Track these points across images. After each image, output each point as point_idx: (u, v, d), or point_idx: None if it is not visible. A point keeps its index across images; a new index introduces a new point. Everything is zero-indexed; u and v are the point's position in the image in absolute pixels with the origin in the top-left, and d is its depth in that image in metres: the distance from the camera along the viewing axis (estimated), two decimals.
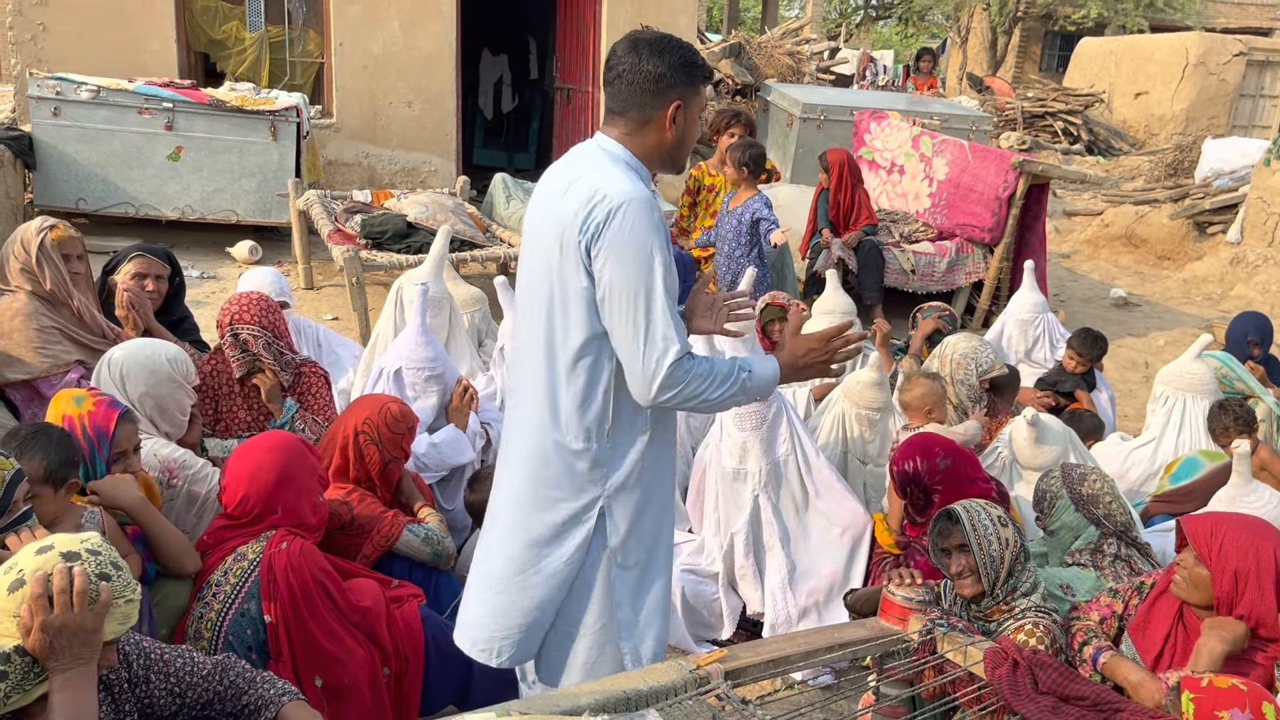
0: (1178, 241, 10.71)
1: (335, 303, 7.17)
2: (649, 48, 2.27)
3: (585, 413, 2.30)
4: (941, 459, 3.39)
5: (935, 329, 5.34)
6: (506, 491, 2.47)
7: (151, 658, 2.02)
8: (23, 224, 3.64)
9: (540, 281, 2.31)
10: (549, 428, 2.33)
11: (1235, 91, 17.63)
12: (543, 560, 2.38)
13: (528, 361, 2.37)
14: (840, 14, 30.09)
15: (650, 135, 2.31)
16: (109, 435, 2.77)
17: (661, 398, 2.21)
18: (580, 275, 2.21)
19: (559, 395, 2.31)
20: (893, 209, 8.23)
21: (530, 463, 2.37)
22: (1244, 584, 2.45)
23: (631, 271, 2.17)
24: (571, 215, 2.21)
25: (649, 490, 2.42)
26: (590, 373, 2.28)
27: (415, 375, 3.90)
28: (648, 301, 2.17)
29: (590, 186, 2.21)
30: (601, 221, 2.16)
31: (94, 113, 7.55)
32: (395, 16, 9.36)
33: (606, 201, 2.17)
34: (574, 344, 2.26)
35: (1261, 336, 5.17)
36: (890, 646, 2.59)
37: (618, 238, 2.16)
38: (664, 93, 2.27)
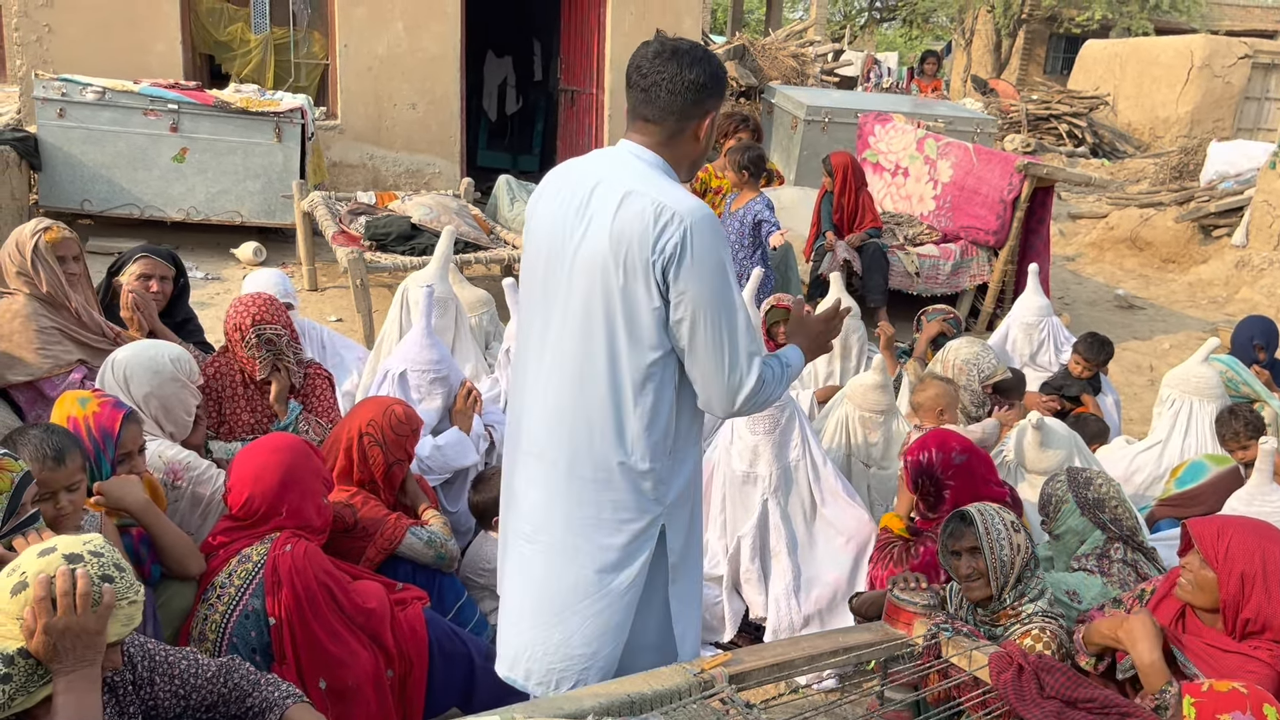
0: (1183, 245, 10.69)
1: (339, 304, 7.17)
2: (688, 56, 2.22)
3: (652, 432, 2.26)
4: (958, 454, 3.38)
5: (939, 332, 5.34)
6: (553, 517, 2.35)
7: (156, 659, 2.02)
8: (18, 227, 3.64)
9: (594, 304, 2.21)
10: (613, 449, 2.26)
11: (1240, 94, 17.60)
12: (612, 584, 2.32)
13: (588, 385, 2.26)
14: (844, 16, 30.08)
15: (684, 145, 2.29)
16: (114, 436, 2.78)
17: (745, 406, 2.24)
18: (653, 296, 2.16)
19: (625, 416, 2.25)
20: (897, 211, 8.23)
21: (590, 488, 2.29)
22: (1251, 586, 2.44)
23: (713, 290, 2.15)
24: (637, 235, 2.14)
25: (695, 503, 2.44)
26: (658, 392, 2.25)
27: (420, 377, 3.90)
28: (730, 317, 2.18)
29: (651, 202, 2.14)
30: (679, 243, 2.12)
31: (99, 114, 7.56)
32: (400, 18, 9.37)
33: (679, 221, 2.12)
34: (644, 363, 2.21)
35: (1267, 340, 5.16)
36: (895, 651, 2.59)
37: (697, 258, 2.13)
38: (703, 103, 2.25)
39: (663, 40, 2.29)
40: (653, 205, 2.14)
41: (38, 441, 2.39)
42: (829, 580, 3.66)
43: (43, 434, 2.43)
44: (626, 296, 2.18)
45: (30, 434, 2.43)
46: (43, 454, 2.37)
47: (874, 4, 29.98)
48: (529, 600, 2.40)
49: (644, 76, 2.23)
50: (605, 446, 2.26)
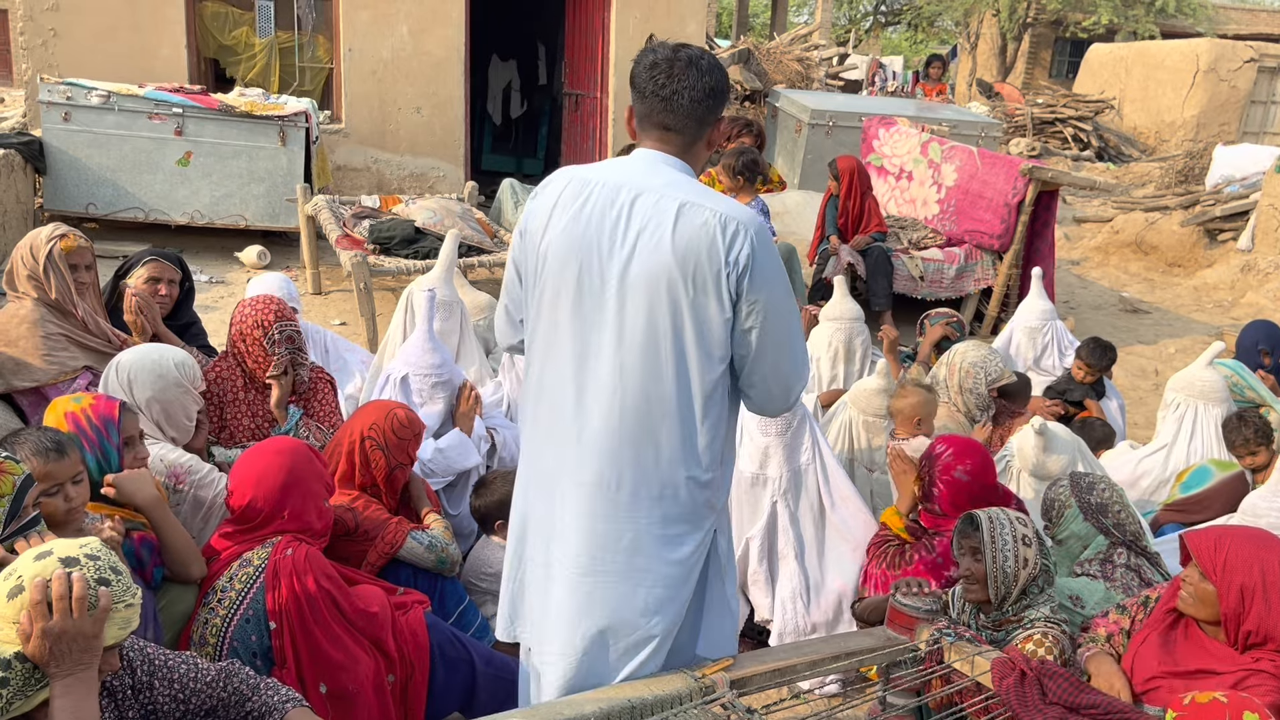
0: (1188, 248, 10.68)
1: (343, 308, 7.18)
2: (704, 63, 2.22)
3: (714, 443, 2.27)
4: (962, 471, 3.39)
5: (943, 335, 5.33)
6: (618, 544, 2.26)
7: (155, 663, 2.02)
8: (34, 230, 3.65)
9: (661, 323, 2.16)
10: (681, 465, 2.23)
11: (1246, 98, 17.56)
12: (679, 598, 2.31)
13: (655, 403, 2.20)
14: (850, 20, 30.10)
15: (700, 152, 2.30)
16: (115, 422, 2.79)
17: (795, 402, 2.36)
18: (725, 308, 2.15)
19: (695, 430, 2.23)
20: (901, 215, 8.22)
21: (655, 507, 2.24)
22: (1250, 599, 2.41)
23: (780, 294, 2.21)
24: (705, 248, 2.11)
25: (727, 506, 2.46)
26: (722, 402, 2.26)
27: (422, 381, 3.89)
28: (793, 317, 2.26)
29: (715, 214, 2.13)
30: (750, 254, 2.12)
31: (104, 118, 7.59)
32: (404, 22, 9.39)
33: (745, 231, 2.13)
34: (714, 376, 2.21)
35: (1272, 345, 5.14)
36: (897, 656, 2.58)
37: (766, 267, 2.16)
38: (717, 109, 2.26)
39: (671, 47, 2.25)
40: (717, 218, 2.13)
41: (36, 437, 2.41)
42: (836, 587, 3.64)
43: (38, 433, 2.45)
44: (696, 310, 2.15)
45: (25, 433, 2.45)
46: (44, 448, 2.38)
47: (879, 8, 29.99)
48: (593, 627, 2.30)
49: (662, 85, 2.19)
50: (674, 463, 2.23)
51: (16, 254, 3.57)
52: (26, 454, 2.35)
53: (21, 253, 3.55)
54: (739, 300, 2.16)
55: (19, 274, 3.54)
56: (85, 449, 2.70)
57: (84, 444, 2.71)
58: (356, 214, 7.09)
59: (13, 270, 3.58)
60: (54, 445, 2.41)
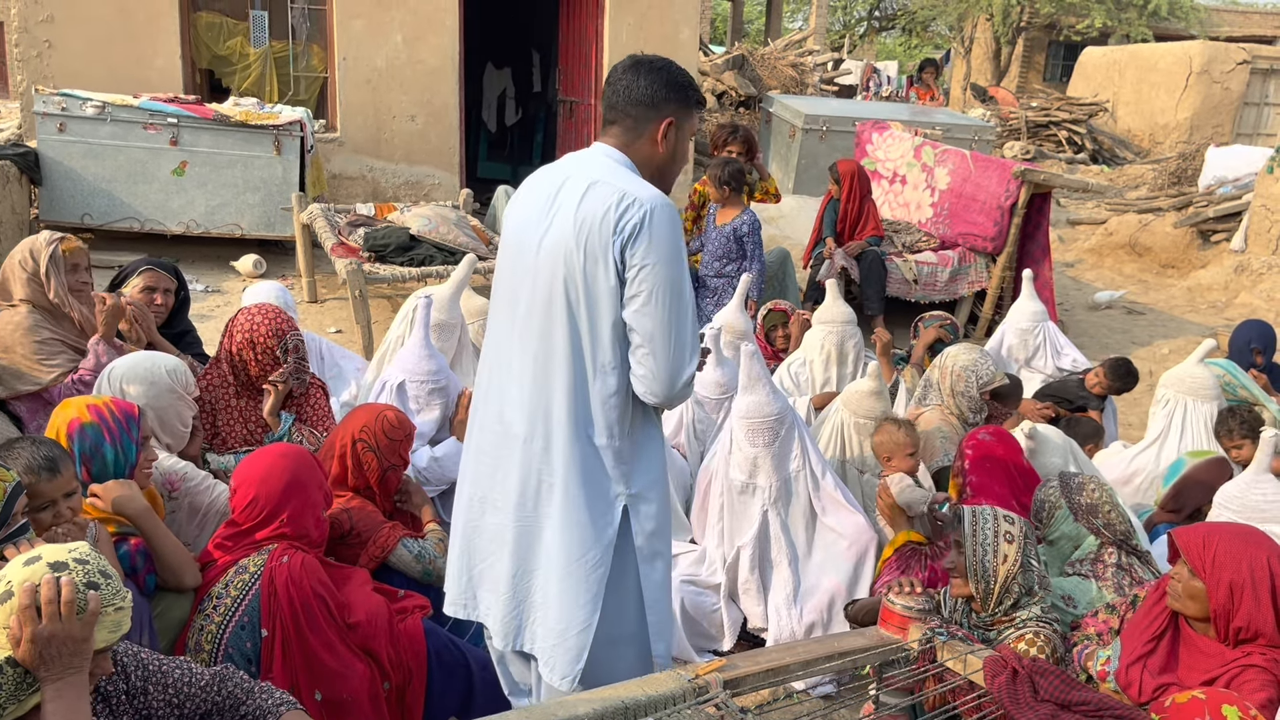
0: (1182, 250, 10.70)
1: (339, 316, 7.19)
2: (647, 65, 2.40)
3: (612, 410, 2.37)
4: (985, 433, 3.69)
5: (937, 338, 5.34)
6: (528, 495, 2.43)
7: (149, 669, 2.02)
8: (28, 237, 3.68)
9: (556, 287, 2.33)
10: (577, 426, 2.37)
11: (1239, 100, 17.62)
12: (580, 558, 2.40)
13: (555, 368, 2.37)
14: (844, 25, 30.16)
15: (644, 148, 2.42)
16: (136, 418, 2.83)
17: (679, 394, 2.34)
18: (610, 275, 2.27)
19: (589, 394, 2.36)
20: (895, 219, 8.24)
21: (561, 466, 2.39)
22: (1240, 595, 2.42)
23: (667, 272, 2.26)
24: (598, 218, 2.27)
25: (663, 489, 2.49)
26: (616, 371, 2.35)
27: (418, 388, 3.91)
28: (681, 302, 2.29)
29: (615, 190, 2.28)
30: (638, 223, 2.24)
31: (99, 128, 7.60)
32: (399, 31, 9.41)
33: (639, 205, 2.25)
34: (603, 342, 2.32)
35: (1264, 344, 5.16)
36: (890, 655, 2.59)
37: (655, 238, 2.25)
38: (658, 107, 2.39)
39: (635, 55, 2.46)
40: (616, 192, 2.28)
41: (29, 454, 2.40)
42: (828, 587, 3.65)
43: (32, 446, 2.44)
44: (586, 277, 2.29)
45: (19, 448, 2.44)
46: (36, 465, 2.38)
47: (873, 13, 30.06)
48: (506, 570, 2.48)
49: (609, 85, 2.43)
50: (570, 424, 2.36)
51: (11, 261, 3.59)
52: (19, 470, 2.35)
53: (19, 257, 3.57)
54: (625, 269, 2.26)
55: (14, 279, 3.56)
56: (106, 440, 2.74)
57: (104, 434, 2.73)
58: (352, 222, 7.10)
59: (5, 278, 3.60)
60: (47, 463, 2.40)
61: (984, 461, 3.59)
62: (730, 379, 4.10)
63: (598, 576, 2.40)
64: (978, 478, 3.56)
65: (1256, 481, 3.19)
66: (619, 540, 2.41)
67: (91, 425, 2.75)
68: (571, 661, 2.41)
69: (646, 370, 2.31)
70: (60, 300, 3.57)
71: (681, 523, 3.99)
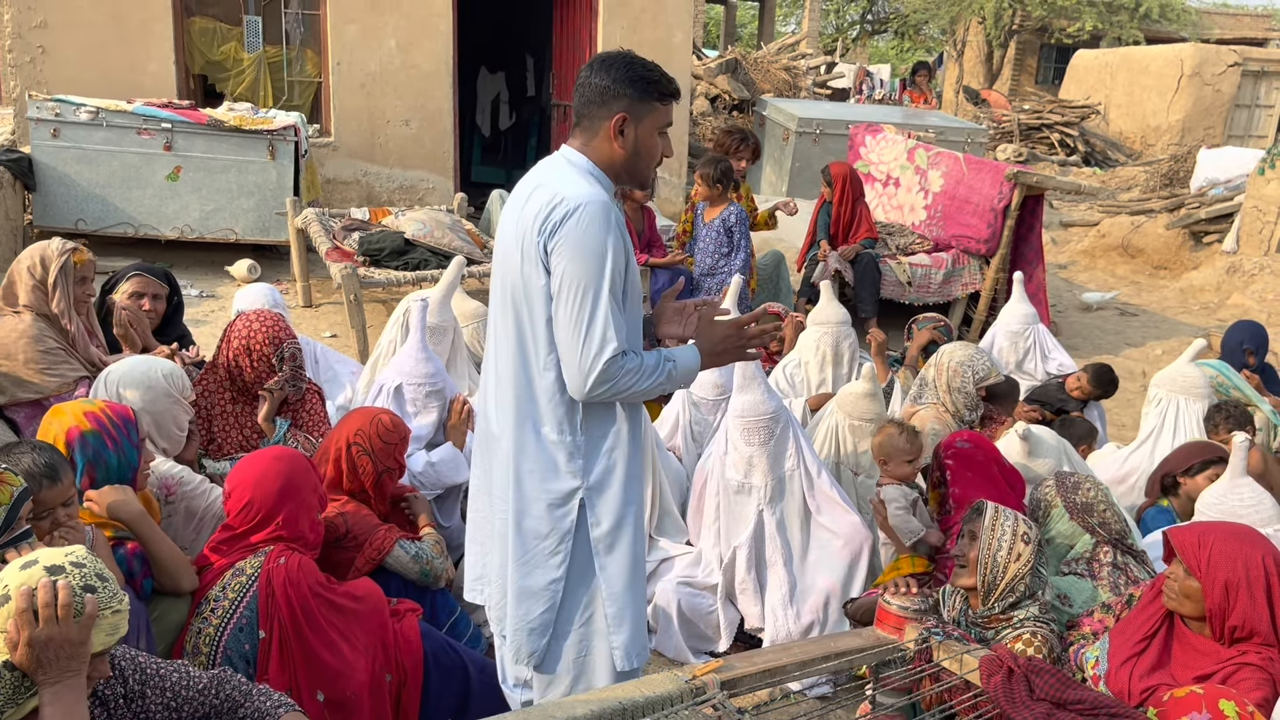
0: (1174, 251, 10.74)
1: (334, 320, 7.19)
2: (602, 62, 2.43)
3: (558, 405, 2.42)
4: (962, 440, 3.60)
5: (931, 340, 5.35)
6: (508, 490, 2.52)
7: (147, 672, 2.02)
8: (39, 243, 3.66)
9: (507, 284, 2.44)
10: (531, 421, 2.44)
11: (1231, 102, 17.71)
12: (537, 549, 2.49)
13: (506, 363, 2.48)
14: (837, 29, 30.24)
15: (603, 146, 2.44)
16: (133, 420, 2.83)
17: (595, 392, 2.34)
18: (539, 273, 2.34)
19: (536, 390, 2.43)
20: (888, 221, 8.26)
21: (523, 461, 2.47)
22: (1235, 594, 2.43)
23: (581, 268, 2.29)
24: (531, 219, 2.34)
25: (627, 484, 2.51)
26: (556, 368, 2.39)
27: (415, 391, 3.91)
28: (594, 299, 2.30)
29: (550, 191, 2.35)
30: (558, 221, 2.30)
31: (93, 134, 7.59)
32: (392, 36, 9.42)
33: (565, 204, 2.30)
34: (542, 338, 2.38)
35: (1256, 345, 5.18)
36: (886, 655, 2.60)
37: (571, 235, 2.29)
38: (609, 103, 2.40)
39: (600, 54, 2.49)
40: (550, 193, 2.35)
41: (30, 460, 2.39)
42: (823, 586, 3.66)
43: (33, 453, 2.43)
44: (524, 277, 2.38)
45: (19, 453, 2.43)
46: (37, 472, 2.37)
47: (865, 17, 30.13)
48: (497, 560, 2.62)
49: (574, 87, 2.48)
50: (526, 420, 2.45)
51: (19, 265, 3.58)
52: None
53: (29, 263, 3.56)
54: (550, 264, 2.32)
55: (21, 284, 3.55)
56: (108, 446, 2.74)
57: (106, 441, 2.74)
58: (346, 226, 7.10)
59: (12, 281, 3.59)
60: (48, 470, 2.40)
61: (965, 473, 3.55)
62: (727, 380, 4.11)
63: (554, 564, 2.47)
64: (960, 489, 3.52)
65: (1234, 487, 3.19)
66: (577, 534, 2.47)
67: (93, 433, 2.74)
68: (535, 640, 2.51)
69: (564, 366, 2.37)
70: (61, 312, 3.57)
71: (678, 524, 4.00)
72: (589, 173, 2.42)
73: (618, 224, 2.34)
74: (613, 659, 2.52)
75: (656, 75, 2.43)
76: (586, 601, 2.52)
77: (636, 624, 2.56)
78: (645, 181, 2.57)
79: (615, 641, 2.51)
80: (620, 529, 2.50)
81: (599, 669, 2.53)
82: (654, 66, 2.45)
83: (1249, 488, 3.18)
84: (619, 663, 2.51)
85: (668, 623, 3.64)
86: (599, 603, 2.51)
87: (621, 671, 2.52)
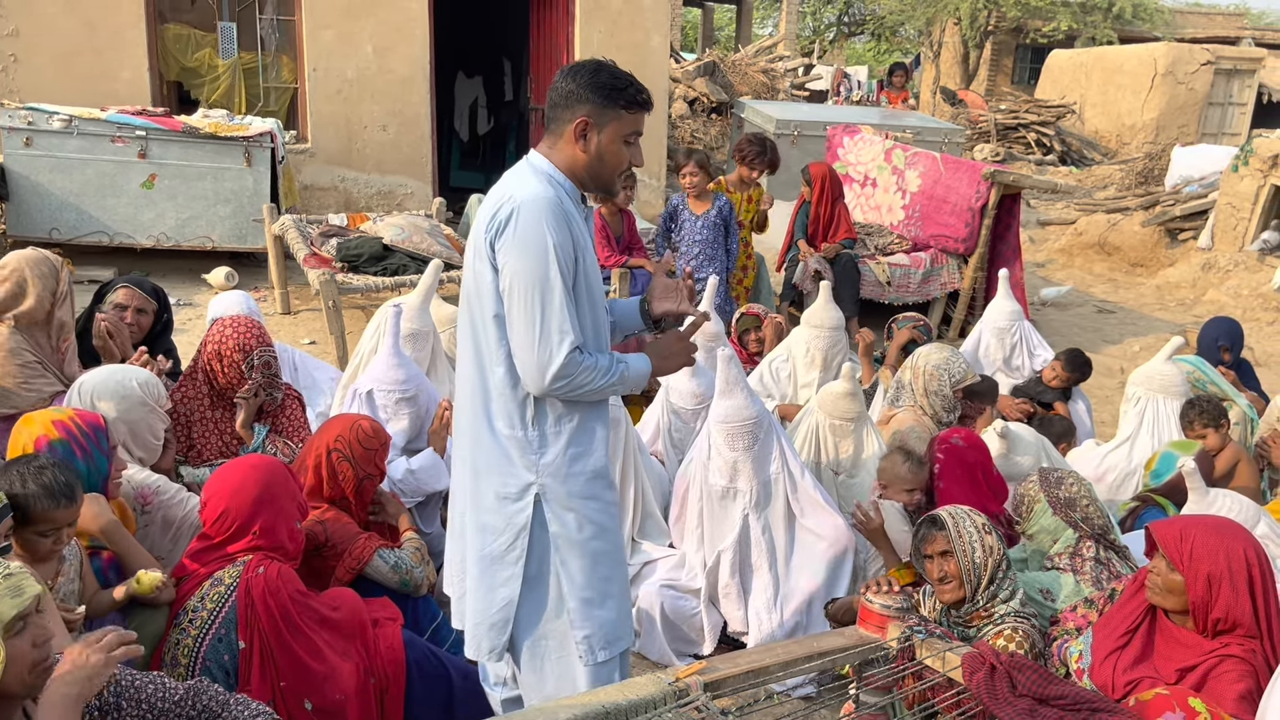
0: (1150, 248, 10.83)
1: (313, 327, 7.15)
2: (570, 69, 2.45)
3: (510, 400, 2.44)
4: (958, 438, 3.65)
5: (910, 339, 5.37)
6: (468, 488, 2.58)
7: (122, 685, 1.99)
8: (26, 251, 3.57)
9: (466, 285, 2.50)
10: (484, 417, 2.47)
11: (1204, 100, 17.88)
12: (491, 548, 2.51)
13: (464, 359, 2.54)
14: (814, 31, 30.35)
15: (565, 149, 2.46)
16: (104, 429, 2.81)
17: (553, 387, 2.36)
18: (487, 269, 2.38)
19: (488, 386, 2.46)
20: (867, 222, 8.29)
21: (480, 457, 2.51)
22: (1218, 587, 2.44)
23: (529, 265, 2.32)
24: (483, 219, 2.40)
25: (589, 478, 2.51)
26: (507, 362, 2.41)
27: (386, 397, 3.89)
28: (544, 294, 2.32)
29: (502, 192, 2.41)
30: (504, 219, 2.34)
31: (66, 142, 7.53)
32: (369, 41, 9.39)
33: (511, 202, 2.35)
34: (492, 335, 2.41)
35: (1231, 341, 5.22)
36: (869, 654, 2.60)
37: (517, 233, 2.32)
38: (571, 107, 2.43)
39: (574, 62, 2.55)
40: (501, 193, 2.41)
41: (50, 477, 2.38)
42: (806, 589, 3.66)
43: (54, 470, 2.41)
44: (476, 275, 2.43)
45: (40, 468, 2.40)
46: (56, 491, 2.36)
47: (842, 19, 30.25)
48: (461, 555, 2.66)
49: None
50: (480, 416, 2.49)
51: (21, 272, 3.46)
52: (35, 491, 2.33)
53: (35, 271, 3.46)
54: (497, 264, 2.36)
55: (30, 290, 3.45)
56: (77, 455, 2.71)
57: (75, 450, 2.71)
58: (324, 232, 7.06)
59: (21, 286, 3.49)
60: (66, 489, 2.39)
61: (954, 469, 3.60)
62: (706, 389, 4.10)
63: (510, 560, 2.49)
64: (946, 484, 3.57)
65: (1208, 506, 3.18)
66: (535, 530, 2.48)
67: (61, 442, 2.72)
68: (495, 636, 2.53)
69: (519, 363, 2.38)
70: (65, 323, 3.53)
71: (660, 527, 3.99)
72: (546, 175, 2.44)
73: (565, 220, 2.36)
74: (578, 653, 2.53)
75: (624, 83, 2.43)
76: (547, 597, 2.52)
77: (604, 619, 2.55)
78: (611, 188, 2.58)
79: (578, 635, 2.52)
80: (580, 525, 2.50)
81: (571, 663, 2.55)
82: (623, 75, 2.45)
83: (1220, 499, 3.19)
84: (584, 657, 2.52)
85: (651, 625, 3.63)
86: (561, 598, 2.52)
87: (595, 664, 2.53)
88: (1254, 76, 18.46)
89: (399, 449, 3.87)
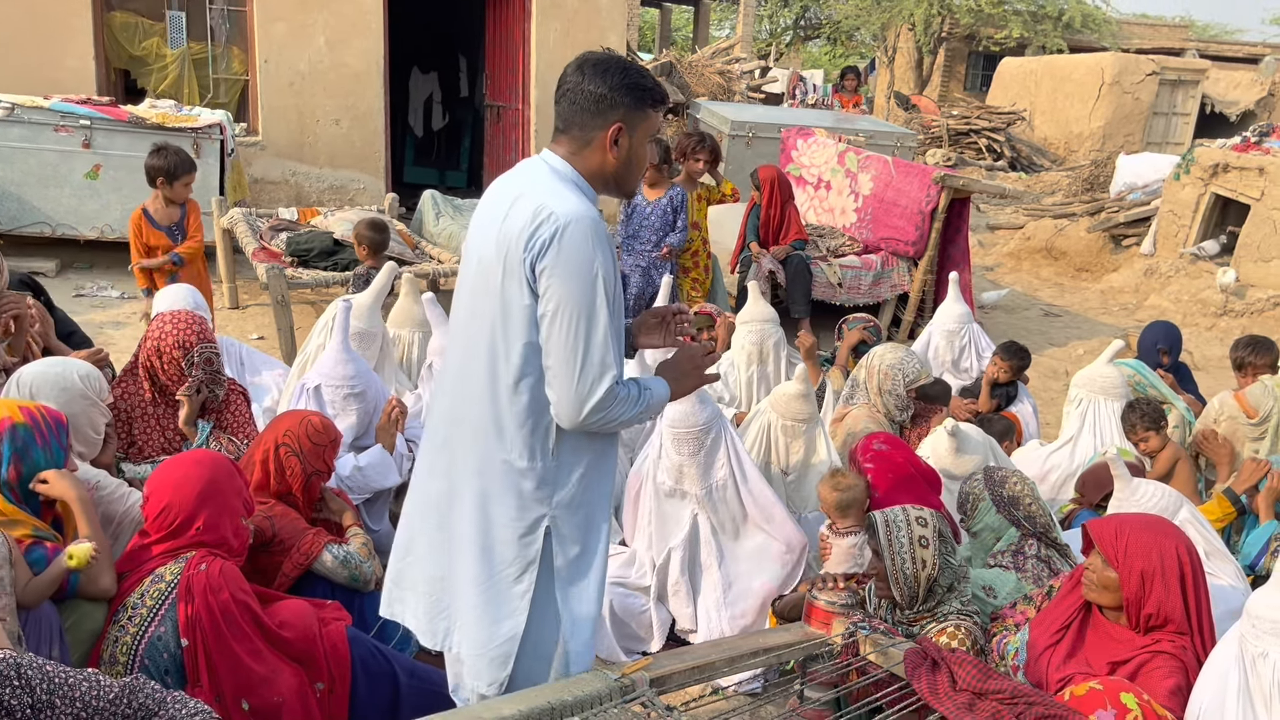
0: (1095, 254, 11.05)
1: (261, 322, 7.05)
2: (594, 68, 2.27)
3: (527, 430, 2.29)
4: (878, 443, 3.60)
5: (860, 340, 5.43)
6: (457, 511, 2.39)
7: (55, 682, 1.95)
8: None
9: (483, 302, 2.29)
10: (495, 446, 2.30)
11: (1149, 109, 18.28)
12: (501, 579, 2.35)
13: (472, 380, 2.33)
14: (770, 34, 30.53)
15: (594, 156, 2.31)
16: (65, 426, 2.77)
17: (590, 420, 2.22)
18: (524, 293, 2.20)
19: (502, 413, 2.29)
20: (819, 224, 8.36)
21: (482, 483, 2.34)
22: (1150, 584, 2.50)
23: (575, 292, 2.17)
24: (516, 233, 2.20)
25: (592, 508, 2.42)
26: (533, 390, 2.26)
27: (334, 393, 3.84)
28: (590, 324, 2.18)
29: (535, 203, 2.20)
30: (548, 240, 2.15)
31: (8, 131, 7.36)
32: (322, 33, 9.29)
33: (553, 220, 2.16)
34: (516, 362, 2.25)
35: (1170, 344, 5.34)
36: (814, 650, 2.63)
37: (563, 257, 2.15)
38: (605, 113, 2.27)
39: (585, 54, 2.33)
40: (534, 205, 2.20)
41: None
42: (759, 590, 3.67)
43: None
44: (504, 294, 2.24)
45: None
46: None
47: (799, 22, 30.47)
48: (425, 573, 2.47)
49: (558, 88, 2.31)
50: (488, 442, 2.31)
51: None
52: None
53: None
54: (537, 284, 2.20)
55: None
56: (38, 443, 2.68)
57: (37, 438, 2.68)
58: (274, 226, 6.98)
59: None
60: None
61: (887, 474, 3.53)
62: None
63: (519, 591, 2.35)
64: (883, 492, 3.50)
65: (1131, 493, 3.24)
66: (542, 562, 2.35)
67: (24, 426, 2.68)
68: (496, 670, 2.38)
69: (554, 393, 2.24)
70: None
71: (613, 524, 3.99)
72: (575, 184, 2.29)
73: (608, 240, 2.24)
74: None
75: (650, 82, 2.32)
76: (549, 631, 2.40)
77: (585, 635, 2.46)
78: (632, 191, 2.46)
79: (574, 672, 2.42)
80: (585, 556, 2.42)
81: None
82: (646, 72, 2.33)
83: (1143, 487, 3.25)
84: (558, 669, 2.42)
85: (600, 622, 3.63)
86: (561, 633, 2.41)
87: None
88: (1197, 87, 18.92)
89: (347, 445, 3.84)
